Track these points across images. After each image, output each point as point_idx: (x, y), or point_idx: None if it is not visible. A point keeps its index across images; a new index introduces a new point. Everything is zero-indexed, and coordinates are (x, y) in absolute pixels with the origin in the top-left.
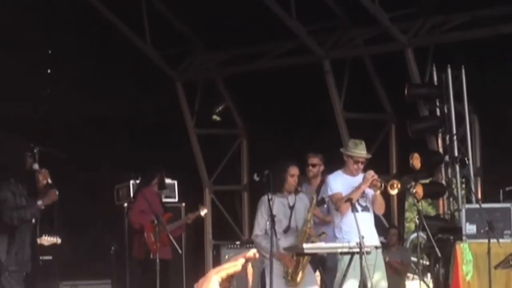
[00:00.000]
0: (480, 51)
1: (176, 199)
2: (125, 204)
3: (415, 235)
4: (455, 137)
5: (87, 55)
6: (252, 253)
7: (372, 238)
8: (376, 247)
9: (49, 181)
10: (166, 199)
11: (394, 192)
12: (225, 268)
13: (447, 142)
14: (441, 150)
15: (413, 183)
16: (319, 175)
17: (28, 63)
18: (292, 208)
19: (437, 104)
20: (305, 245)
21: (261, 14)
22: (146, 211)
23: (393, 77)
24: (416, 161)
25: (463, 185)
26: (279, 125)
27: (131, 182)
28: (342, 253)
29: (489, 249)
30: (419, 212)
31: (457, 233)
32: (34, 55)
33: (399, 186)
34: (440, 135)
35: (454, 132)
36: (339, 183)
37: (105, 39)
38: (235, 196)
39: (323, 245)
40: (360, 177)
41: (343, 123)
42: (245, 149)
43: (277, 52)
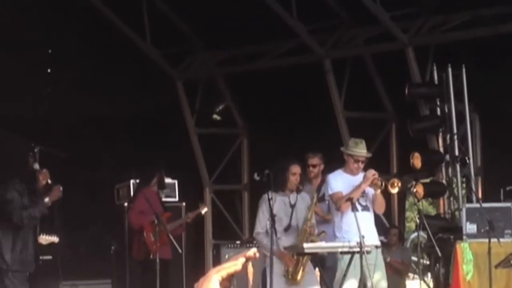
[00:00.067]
0: (480, 50)
1: (177, 199)
2: (125, 204)
3: (415, 234)
4: (455, 137)
5: (87, 54)
6: (252, 252)
7: (372, 238)
8: (376, 247)
9: (49, 181)
10: (167, 198)
11: (394, 191)
12: (226, 267)
13: (448, 142)
14: (441, 149)
15: (413, 182)
16: (319, 175)
17: (28, 62)
18: (293, 206)
19: (438, 103)
20: (305, 245)
21: (261, 13)
22: (145, 211)
23: (394, 76)
24: (417, 161)
25: (464, 185)
26: (279, 124)
27: (131, 181)
28: (343, 253)
29: (489, 248)
30: (419, 211)
31: (457, 232)
32: (34, 55)
33: (399, 185)
34: (440, 134)
35: (455, 131)
36: (340, 182)
37: (105, 38)
38: (236, 196)
39: (323, 244)
40: (360, 176)
41: (343, 122)
42: (246, 148)
43: (277, 52)
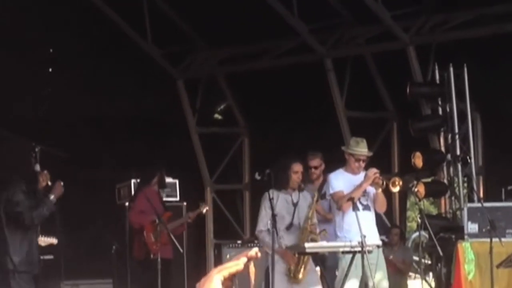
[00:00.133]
0: (482, 49)
1: (178, 198)
2: (126, 203)
3: (417, 234)
4: (457, 136)
5: (88, 54)
6: (254, 252)
7: (373, 237)
8: (378, 246)
9: (49, 183)
10: (168, 198)
11: (395, 189)
12: (227, 267)
13: (449, 141)
14: (443, 148)
15: (415, 182)
16: (321, 175)
17: (29, 62)
18: (295, 205)
19: (439, 102)
20: (307, 245)
21: (262, 12)
22: (146, 211)
23: (395, 76)
24: (418, 160)
25: (465, 184)
26: (280, 123)
27: (132, 181)
28: (344, 252)
29: (491, 248)
30: (421, 211)
31: (459, 232)
32: (35, 55)
33: (400, 183)
34: (442, 133)
35: (456, 130)
36: (341, 181)
37: (106, 37)
38: (237, 195)
39: (325, 244)
40: (361, 175)
41: (344, 121)
42: (247, 147)
43: (278, 51)
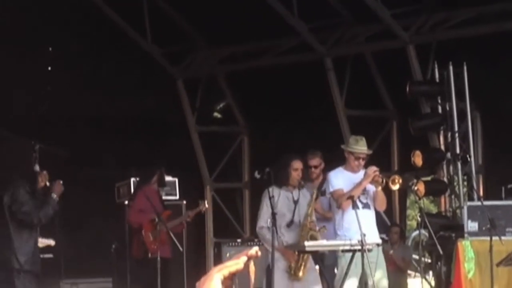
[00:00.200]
0: (482, 48)
1: (177, 197)
2: (126, 202)
3: (417, 232)
4: (456, 134)
5: (88, 52)
6: (254, 251)
7: (373, 236)
8: (378, 245)
9: (47, 183)
10: (167, 196)
11: (395, 187)
12: (227, 266)
13: (449, 140)
14: (443, 147)
15: (414, 180)
16: (321, 174)
17: (29, 61)
18: (296, 202)
19: (439, 101)
20: (306, 243)
21: (262, 11)
22: (145, 210)
23: (395, 74)
24: (418, 159)
25: (465, 183)
26: (280, 122)
27: (131, 180)
28: (344, 251)
29: (491, 246)
30: (420, 209)
31: (459, 230)
32: (35, 54)
33: (400, 181)
34: (441, 132)
35: (456, 129)
36: (340, 179)
37: (106, 36)
38: (236, 194)
39: (324, 242)
40: (361, 173)
41: (344, 120)
42: (246, 146)
43: (278, 50)
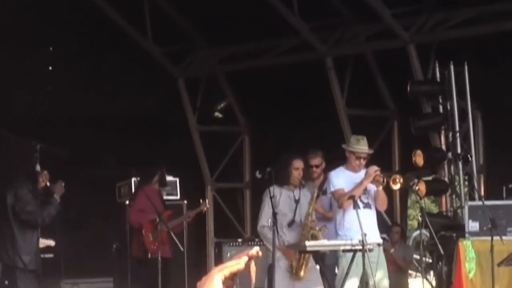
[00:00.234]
0: (482, 47)
1: (178, 197)
2: (127, 202)
3: (418, 232)
4: (457, 134)
5: (88, 52)
6: (255, 251)
7: (374, 235)
8: (379, 245)
9: (48, 183)
10: (168, 196)
11: (396, 187)
12: (228, 266)
13: (450, 139)
14: (444, 147)
15: (415, 180)
16: (322, 174)
17: (29, 61)
18: (297, 202)
19: (440, 101)
20: (307, 243)
21: (263, 11)
22: (145, 210)
23: (396, 74)
24: (419, 158)
25: (466, 182)
26: (281, 122)
27: (132, 179)
28: (345, 251)
29: (492, 246)
30: (421, 209)
31: (460, 230)
32: (35, 53)
33: (401, 180)
34: (442, 132)
35: (457, 129)
36: (341, 179)
37: (106, 36)
38: (237, 194)
39: (325, 242)
40: (362, 173)
41: (345, 120)
42: (247, 146)
43: (279, 49)
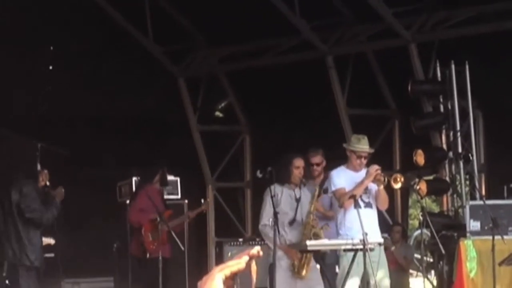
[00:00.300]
0: (483, 47)
1: (179, 196)
2: (127, 201)
3: (419, 232)
4: (458, 133)
5: (89, 51)
6: (256, 250)
7: (375, 235)
8: (380, 244)
9: (47, 183)
10: (169, 196)
11: (397, 186)
12: (229, 265)
13: (451, 139)
14: (445, 146)
15: (416, 179)
16: (322, 172)
17: (29, 60)
18: (298, 200)
19: (441, 100)
20: (308, 242)
21: (264, 10)
22: (145, 209)
23: (397, 73)
24: (420, 158)
25: (467, 182)
26: (282, 121)
27: (133, 179)
28: (346, 250)
29: (493, 246)
30: (423, 209)
31: (461, 230)
32: (35, 53)
33: (402, 180)
34: (443, 131)
35: (458, 128)
36: (342, 178)
37: (107, 35)
38: (238, 193)
39: (326, 242)
40: (363, 172)
41: (346, 119)
42: (248, 145)
43: (280, 48)
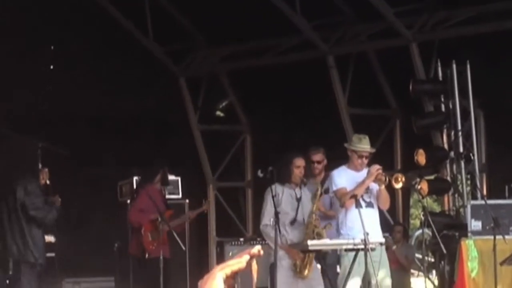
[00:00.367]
0: (485, 46)
1: (180, 196)
2: (128, 201)
3: (420, 231)
4: (460, 133)
5: (90, 51)
6: (257, 249)
7: (376, 235)
8: (381, 244)
9: (48, 182)
10: (170, 195)
11: (398, 186)
12: (230, 264)
13: (452, 138)
14: (446, 146)
15: (418, 179)
16: (323, 171)
17: (30, 60)
18: (299, 200)
19: (442, 99)
20: (309, 242)
21: (265, 9)
22: (146, 209)
23: (398, 73)
24: (421, 157)
25: (468, 181)
26: (283, 121)
27: (134, 178)
28: (347, 250)
29: (494, 245)
30: (424, 208)
31: (462, 229)
32: (36, 52)
33: (403, 179)
34: (445, 131)
35: (459, 127)
36: (344, 178)
37: (107, 35)
38: (239, 193)
39: (327, 241)
40: (364, 172)
41: (347, 118)
42: (249, 145)
43: (281, 48)
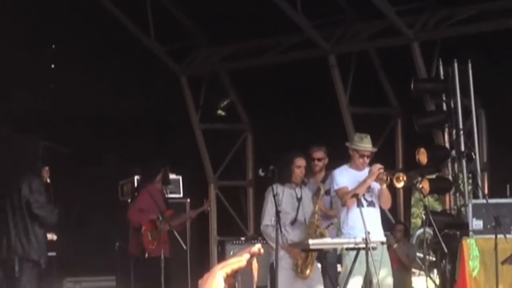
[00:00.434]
0: (486, 45)
1: (181, 195)
2: (129, 200)
3: (421, 230)
4: (461, 132)
5: (91, 50)
6: (257, 248)
7: (378, 234)
8: (382, 243)
9: (48, 180)
10: (171, 194)
11: (400, 185)
12: (230, 263)
13: (454, 137)
14: (447, 145)
15: (419, 178)
16: (323, 169)
17: (31, 60)
18: (299, 200)
19: (444, 98)
20: (311, 241)
21: (266, 8)
22: (146, 209)
23: (399, 72)
24: (423, 156)
25: (470, 180)
26: (284, 120)
27: (135, 177)
28: (348, 249)
29: (495, 244)
30: (425, 207)
31: (463, 228)
32: (37, 52)
33: (404, 178)
34: (446, 129)
35: (461, 126)
36: (345, 177)
37: (108, 34)
38: (240, 192)
39: (329, 240)
40: (366, 171)
41: (348, 117)
42: (250, 144)
43: (282, 47)
